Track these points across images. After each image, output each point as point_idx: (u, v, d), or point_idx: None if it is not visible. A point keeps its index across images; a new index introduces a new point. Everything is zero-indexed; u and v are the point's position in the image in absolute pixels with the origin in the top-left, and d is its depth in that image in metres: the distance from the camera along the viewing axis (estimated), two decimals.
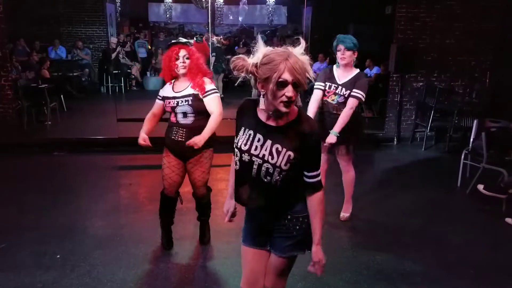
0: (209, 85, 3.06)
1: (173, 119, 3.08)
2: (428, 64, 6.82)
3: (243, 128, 1.78)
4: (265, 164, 1.70)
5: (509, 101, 6.52)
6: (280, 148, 1.69)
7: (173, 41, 3.15)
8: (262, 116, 1.73)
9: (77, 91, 10.01)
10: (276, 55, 1.57)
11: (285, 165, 1.69)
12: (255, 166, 1.72)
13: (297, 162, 1.71)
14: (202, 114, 3.04)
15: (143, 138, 3.07)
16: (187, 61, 3.01)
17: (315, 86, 3.64)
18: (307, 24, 10.46)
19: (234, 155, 1.84)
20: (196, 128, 3.01)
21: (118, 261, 3.19)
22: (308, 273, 3.00)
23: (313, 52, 9.79)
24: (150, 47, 12.67)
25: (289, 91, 1.57)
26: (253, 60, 1.62)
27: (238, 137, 1.78)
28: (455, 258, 3.36)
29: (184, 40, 3.14)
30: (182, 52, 3.00)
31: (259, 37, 1.68)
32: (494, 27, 6.71)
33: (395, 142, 6.93)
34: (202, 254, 3.37)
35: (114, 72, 10.75)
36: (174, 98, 3.03)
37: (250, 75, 1.64)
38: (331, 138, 3.47)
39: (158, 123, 3.23)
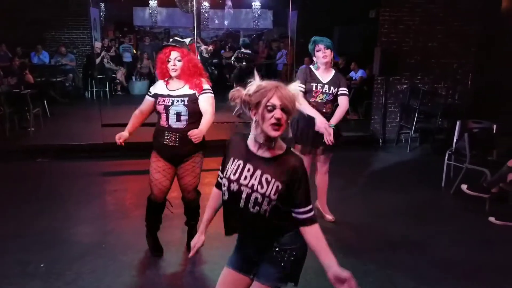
0: (206, 84, 3.05)
1: (164, 123, 3.00)
2: (412, 66, 6.92)
3: (232, 158, 1.81)
4: (254, 194, 1.72)
5: (491, 102, 6.66)
6: (269, 178, 1.72)
7: (165, 43, 3.13)
8: (252, 147, 1.79)
9: (61, 97, 9.88)
10: (267, 84, 1.70)
11: (274, 194, 1.71)
12: (243, 196, 1.74)
13: (285, 195, 1.73)
14: (194, 117, 2.98)
15: (121, 135, 2.96)
16: (179, 64, 2.96)
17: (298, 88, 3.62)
18: (292, 28, 10.50)
19: (216, 185, 1.92)
20: (187, 132, 2.98)
21: (104, 268, 3.15)
22: None
23: (299, 55, 9.87)
24: (135, 52, 12.59)
25: (277, 113, 1.66)
26: (247, 91, 1.73)
27: (227, 168, 1.81)
28: (442, 258, 3.41)
29: (179, 40, 3.12)
30: (174, 55, 2.96)
31: (255, 73, 1.79)
32: (475, 30, 6.85)
33: (380, 144, 7.01)
34: (189, 260, 3.34)
35: (98, 77, 10.64)
36: (169, 96, 2.97)
37: (244, 105, 1.73)
38: (330, 130, 3.52)
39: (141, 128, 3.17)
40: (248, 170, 1.75)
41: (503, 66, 6.41)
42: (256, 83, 1.73)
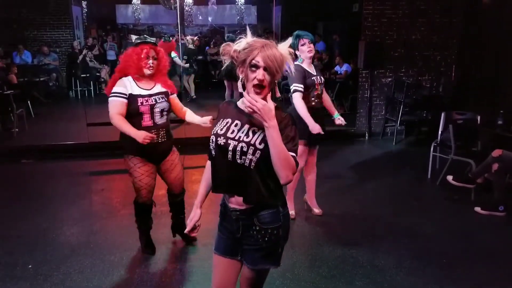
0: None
1: (148, 122, 2.93)
2: (396, 59, 6.98)
3: (222, 119, 1.82)
4: (240, 144, 1.71)
5: (474, 93, 6.76)
6: (256, 130, 1.72)
7: (144, 39, 3.00)
8: (242, 106, 1.79)
9: (44, 97, 9.73)
10: (255, 42, 1.68)
11: (260, 144, 1.69)
12: (230, 148, 1.72)
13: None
14: (169, 112, 3.12)
15: (146, 134, 2.79)
16: (155, 62, 2.96)
17: (295, 88, 3.52)
18: (277, 23, 10.53)
19: (209, 158, 1.86)
20: (168, 126, 3.13)
21: (92, 268, 3.13)
22: (286, 270, 3.05)
23: None
24: (119, 50, 12.45)
25: (259, 74, 1.64)
26: (236, 46, 1.72)
27: (216, 127, 1.82)
28: (428, 248, 3.46)
29: (153, 39, 3.10)
30: (152, 53, 2.95)
31: (247, 28, 1.79)
32: (456, 22, 6.94)
33: (366, 137, 7.07)
34: (178, 257, 3.34)
35: (82, 75, 10.50)
36: (149, 96, 2.93)
37: (233, 60, 1.74)
38: (342, 119, 3.78)
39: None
40: (236, 125, 1.76)
41: (485, 57, 6.52)
42: (246, 40, 1.72)
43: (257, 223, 1.78)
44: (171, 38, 9.07)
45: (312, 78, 3.60)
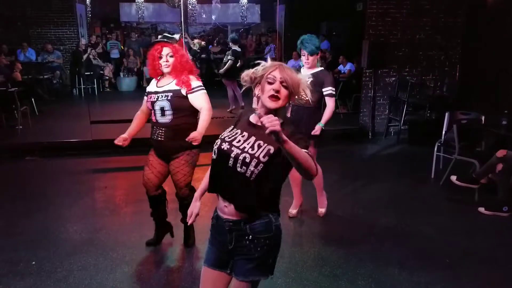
0: (195, 82, 3.02)
1: (153, 118, 3.05)
2: (400, 59, 6.97)
3: (232, 127, 1.88)
4: (243, 154, 1.73)
5: (478, 93, 6.73)
6: (262, 144, 1.74)
7: (157, 39, 3.10)
8: (253, 119, 1.84)
9: (48, 94, 9.77)
10: (273, 62, 1.79)
11: (264, 157, 1.71)
12: (232, 155, 1.74)
13: (278, 161, 1.71)
14: (180, 112, 2.98)
15: (121, 137, 3.02)
16: (171, 60, 2.96)
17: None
18: (280, 22, 10.50)
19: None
20: (175, 127, 2.98)
21: (95, 265, 3.14)
22: (288, 269, 3.05)
23: (286, 49, 9.87)
24: (122, 48, 12.47)
25: (276, 85, 1.73)
26: (254, 69, 1.82)
27: (225, 132, 1.86)
28: (431, 248, 3.45)
29: (170, 36, 3.09)
30: (165, 51, 2.96)
31: (268, 58, 1.93)
32: (461, 22, 6.92)
33: (369, 137, 7.05)
34: (182, 256, 3.34)
35: (86, 73, 10.53)
36: (155, 93, 3.01)
37: (251, 82, 1.82)
38: (317, 128, 3.59)
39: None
40: (243, 136, 1.80)
41: (489, 57, 6.49)
42: (264, 64, 1.81)
43: (250, 232, 1.78)
44: (177, 37, 9.08)
45: None
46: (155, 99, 2.98)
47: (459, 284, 2.97)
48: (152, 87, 3.09)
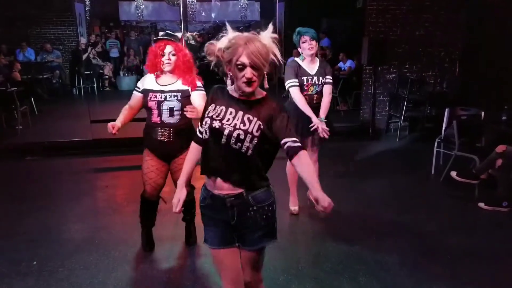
0: (198, 82, 3.01)
1: (156, 119, 2.94)
2: (400, 55, 6.96)
3: (213, 105, 1.85)
4: (236, 131, 1.74)
5: (478, 89, 6.73)
6: (251, 118, 1.76)
7: (159, 36, 3.03)
8: (234, 94, 1.83)
9: (48, 94, 9.77)
10: (237, 39, 1.70)
11: (257, 131, 1.75)
12: (225, 133, 1.75)
13: (268, 135, 1.76)
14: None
15: (113, 124, 2.88)
16: (173, 58, 2.91)
17: (290, 84, 3.57)
18: (280, 20, 10.47)
19: (200, 125, 1.88)
20: (181, 127, 2.96)
21: (97, 264, 3.14)
22: (289, 267, 3.06)
23: (287, 47, 9.84)
24: (122, 47, 12.45)
25: (247, 72, 1.69)
26: (219, 45, 1.75)
27: (208, 111, 1.84)
28: (432, 244, 3.46)
29: (173, 33, 3.03)
30: (168, 49, 2.90)
31: (227, 24, 1.80)
32: (460, 18, 6.90)
33: (370, 134, 7.04)
34: (182, 254, 3.35)
35: (86, 73, 10.52)
36: (161, 92, 2.91)
37: (218, 58, 1.76)
38: (322, 124, 3.55)
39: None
40: (231, 113, 1.79)
41: (489, 53, 6.48)
42: (228, 37, 1.73)
43: (253, 203, 1.82)
44: (179, 35, 9.08)
45: (303, 77, 3.58)
46: (163, 99, 2.89)
47: (460, 280, 2.97)
48: (151, 85, 2.96)
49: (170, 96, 2.91)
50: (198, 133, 1.93)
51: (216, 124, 1.78)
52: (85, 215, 4.03)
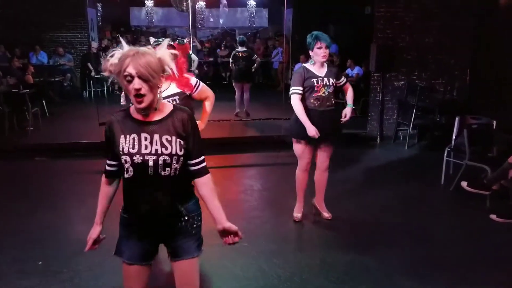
0: (193, 79, 3.06)
1: None
2: (408, 62, 6.91)
3: (123, 136, 1.73)
4: (161, 157, 1.71)
5: (489, 97, 6.65)
6: (169, 138, 1.73)
7: (155, 42, 3.06)
8: (138, 116, 1.75)
9: (59, 96, 9.87)
10: (127, 52, 1.64)
11: (180, 150, 1.74)
12: (150, 164, 1.71)
13: (185, 150, 1.76)
14: None
15: None
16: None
17: (293, 91, 3.62)
18: (288, 26, 10.49)
19: (105, 174, 1.91)
20: None
21: (101, 266, 3.14)
22: (293, 275, 3.02)
23: (294, 53, 9.85)
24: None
25: (135, 83, 1.61)
26: (112, 60, 1.67)
27: (121, 146, 1.72)
28: (440, 255, 3.39)
29: (159, 40, 3.06)
30: None
31: (121, 39, 1.76)
32: (470, 26, 6.84)
33: (378, 141, 7.00)
34: None
35: (96, 76, 10.63)
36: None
37: (111, 73, 1.68)
38: (349, 111, 3.79)
39: None
40: (145, 139, 1.72)
41: (500, 60, 6.41)
42: (119, 51, 1.67)
43: (185, 213, 1.83)
44: (184, 41, 9.15)
45: (312, 79, 3.59)
46: None
47: None
48: None
49: (169, 101, 2.93)
50: (107, 166, 1.89)
51: (137, 158, 1.70)
52: (91, 216, 3.97)
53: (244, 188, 4.86)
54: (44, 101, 8.23)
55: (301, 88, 3.60)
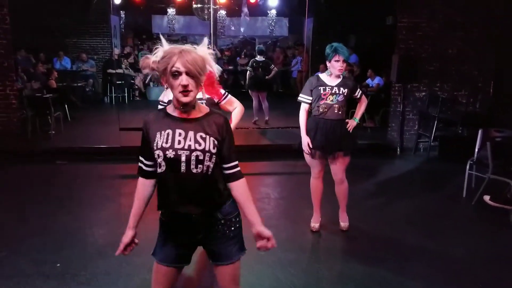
0: (222, 89, 3.11)
1: None
2: (431, 73, 6.82)
3: (158, 132, 1.76)
4: (193, 153, 1.71)
5: None
6: (204, 135, 1.74)
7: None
8: (176, 113, 1.78)
9: (81, 101, 10.07)
10: (172, 49, 1.68)
11: (213, 148, 1.74)
12: (183, 159, 1.71)
13: (218, 151, 1.77)
14: None
15: None
16: None
17: (300, 99, 3.69)
18: (308, 35, 10.51)
19: (144, 158, 1.85)
20: None
21: (118, 269, 3.16)
22: (311, 285, 2.98)
23: (314, 62, 9.84)
24: None
25: (183, 80, 1.65)
26: (154, 57, 1.72)
27: (156, 141, 1.75)
28: (461, 272, 3.30)
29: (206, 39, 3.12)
30: None
31: (161, 36, 1.77)
32: (495, 36, 6.72)
33: (398, 152, 6.89)
34: (201, 257, 3.32)
35: (117, 82, 10.83)
36: None
37: (154, 71, 1.74)
38: (352, 124, 3.68)
39: None
40: (180, 134, 1.74)
41: None
42: (162, 49, 1.70)
43: (221, 216, 1.82)
44: None
45: (320, 87, 3.59)
46: None
47: None
48: (171, 96, 3.07)
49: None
50: (143, 166, 1.87)
51: (170, 153, 1.71)
52: (110, 220, 4.09)
53: (261, 196, 4.85)
54: (66, 106, 8.40)
55: (308, 97, 3.65)
